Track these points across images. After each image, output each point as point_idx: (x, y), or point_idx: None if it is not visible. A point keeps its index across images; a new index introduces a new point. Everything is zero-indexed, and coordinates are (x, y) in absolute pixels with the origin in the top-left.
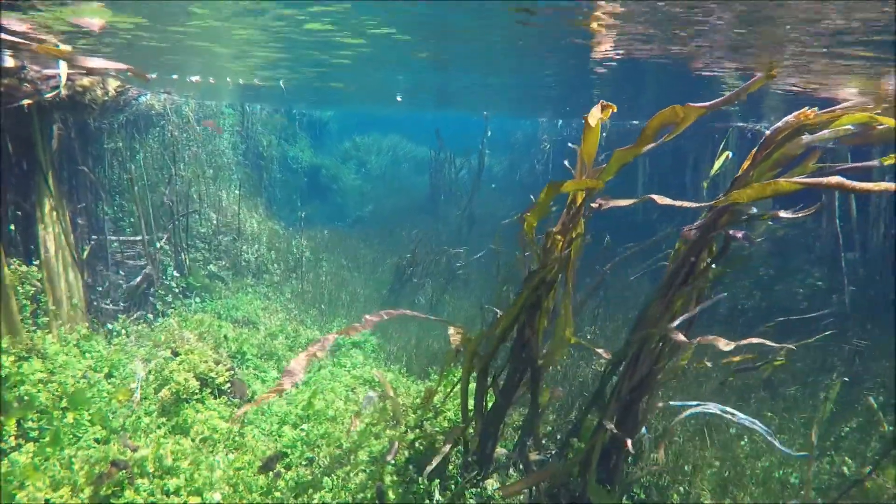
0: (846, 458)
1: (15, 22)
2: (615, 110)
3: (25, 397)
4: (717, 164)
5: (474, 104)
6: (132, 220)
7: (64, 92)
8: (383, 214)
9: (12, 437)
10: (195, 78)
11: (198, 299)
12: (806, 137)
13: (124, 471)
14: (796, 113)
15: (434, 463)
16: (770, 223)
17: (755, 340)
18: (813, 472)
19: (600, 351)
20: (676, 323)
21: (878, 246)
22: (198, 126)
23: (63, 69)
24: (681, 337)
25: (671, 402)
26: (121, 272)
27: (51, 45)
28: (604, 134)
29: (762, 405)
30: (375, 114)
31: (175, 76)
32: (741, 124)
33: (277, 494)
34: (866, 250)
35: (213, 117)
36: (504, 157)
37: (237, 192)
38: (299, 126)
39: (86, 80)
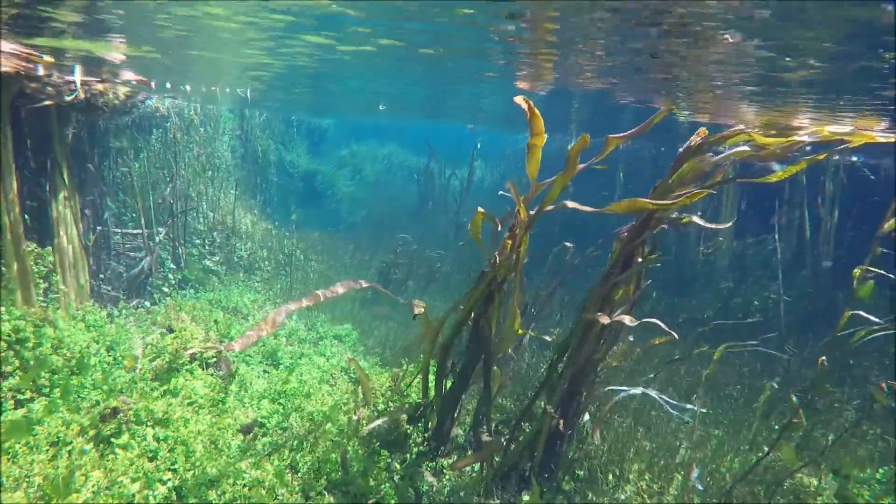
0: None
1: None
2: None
3: (40, 357)
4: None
5: (466, 118)
6: (133, 214)
7: (82, 95)
8: (375, 220)
9: (29, 391)
10: (187, 87)
11: (192, 290)
12: (711, 157)
13: (121, 415)
14: (696, 133)
15: (377, 423)
16: (723, 240)
17: (653, 320)
18: (740, 461)
19: (546, 337)
20: (617, 313)
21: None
22: (201, 128)
23: (78, 75)
24: (605, 319)
25: (610, 388)
26: (122, 262)
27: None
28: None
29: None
30: (374, 124)
31: (169, 84)
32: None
33: (252, 452)
34: (817, 267)
35: (214, 121)
36: (497, 169)
37: (234, 192)
38: (297, 132)
39: (100, 86)
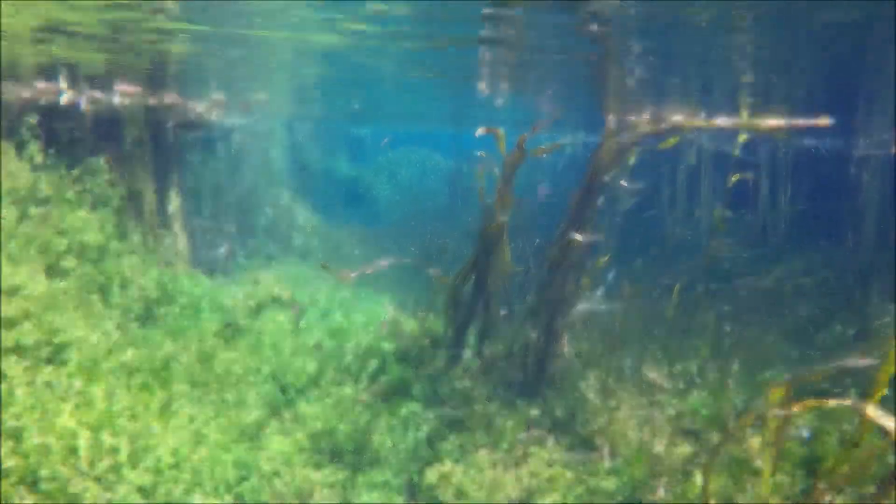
0: None
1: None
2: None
3: (173, 294)
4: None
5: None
6: (208, 211)
7: (194, 118)
8: (410, 218)
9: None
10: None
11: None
12: (615, 144)
13: (232, 326)
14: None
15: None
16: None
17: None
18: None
19: (521, 269)
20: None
21: None
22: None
23: (205, 107)
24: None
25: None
26: (204, 248)
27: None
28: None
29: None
30: (408, 132)
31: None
32: None
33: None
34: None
35: (268, 133)
36: (522, 168)
37: (288, 193)
38: (339, 141)
39: (201, 108)
